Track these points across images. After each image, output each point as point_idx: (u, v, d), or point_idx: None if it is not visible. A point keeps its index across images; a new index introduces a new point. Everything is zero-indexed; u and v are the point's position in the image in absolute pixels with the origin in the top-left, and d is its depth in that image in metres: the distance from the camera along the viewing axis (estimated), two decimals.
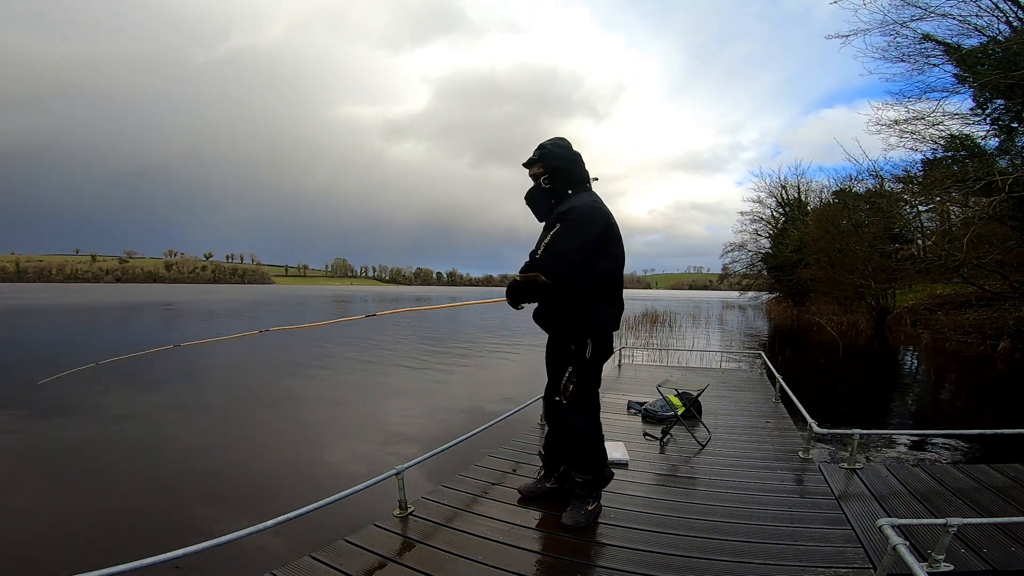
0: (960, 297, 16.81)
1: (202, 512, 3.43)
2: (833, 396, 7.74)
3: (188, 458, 4.51)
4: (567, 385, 2.27)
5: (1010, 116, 12.21)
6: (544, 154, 2.31)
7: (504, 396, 7.01)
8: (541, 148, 2.34)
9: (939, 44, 12.50)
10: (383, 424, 5.78)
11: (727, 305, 45.14)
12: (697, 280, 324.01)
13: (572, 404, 2.28)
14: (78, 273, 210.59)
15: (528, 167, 2.38)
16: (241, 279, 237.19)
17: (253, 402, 6.76)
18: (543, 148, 2.34)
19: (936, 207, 15.36)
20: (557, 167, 2.29)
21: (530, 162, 2.37)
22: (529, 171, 2.38)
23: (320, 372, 8.97)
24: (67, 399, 6.36)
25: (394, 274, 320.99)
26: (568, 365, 2.27)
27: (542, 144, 2.37)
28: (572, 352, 2.25)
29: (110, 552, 2.88)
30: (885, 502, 2.54)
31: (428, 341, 13.91)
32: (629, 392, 5.08)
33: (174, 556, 1.73)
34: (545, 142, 2.36)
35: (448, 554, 2.03)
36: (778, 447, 3.50)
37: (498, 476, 2.86)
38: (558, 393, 2.31)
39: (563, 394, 2.28)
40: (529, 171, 2.38)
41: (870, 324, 18.33)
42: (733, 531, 2.23)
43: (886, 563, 1.64)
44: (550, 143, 2.34)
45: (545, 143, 2.36)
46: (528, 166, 2.38)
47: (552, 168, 2.29)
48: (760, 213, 33.66)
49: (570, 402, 2.28)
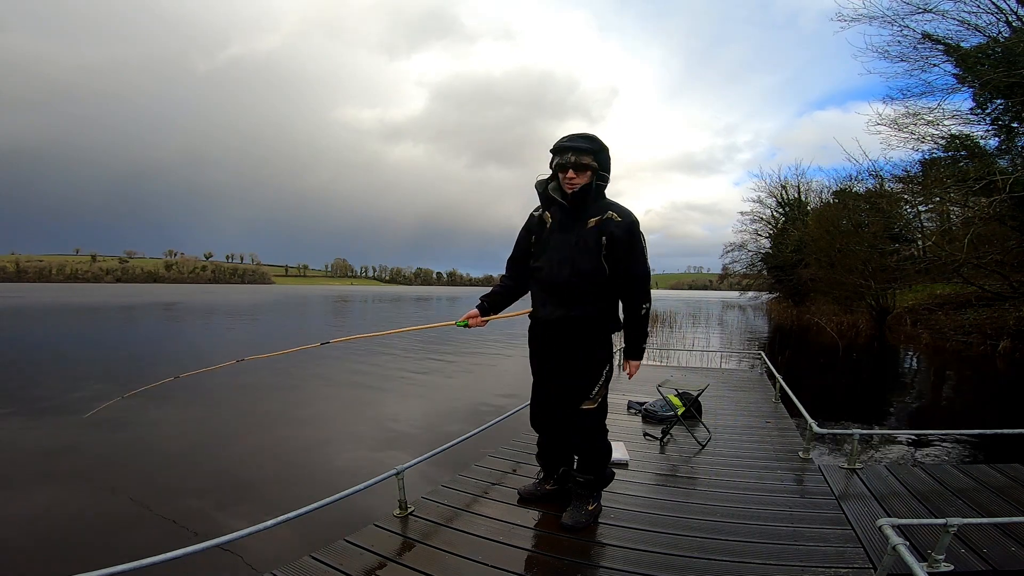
0: (960, 297, 16.80)
1: (202, 512, 3.43)
2: (833, 396, 7.74)
3: (188, 457, 4.51)
4: (603, 387, 2.23)
5: (1010, 116, 12.20)
6: (603, 150, 2.12)
7: (504, 396, 7.01)
8: (596, 142, 2.11)
9: (939, 43, 12.51)
10: (383, 424, 5.78)
11: (727, 305, 45.17)
12: (697, 280, 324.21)
13: (601, 406, 2.26)
14: (78, 273, 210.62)
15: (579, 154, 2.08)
16: (241, 279, 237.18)
17: (252, 402, 6.76)
18: (599, 143, 2.11)
19: (936, 207, 15.37)
20: (607, 168, 2.15)
21: (583, 150, 2.08)
22: (579, 158, 2.07)
23: (320, 372, 8.96)
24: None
25: (394, 274, 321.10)
26: (606, 364, 2.25)
27: (593, 138, 2.12)
28: (609, 351, 2.25)
29: (109, 552, 2.89)
30: (885, 502, 2.54)
31: (428, 341, 13.91)
32: (629, 392, 5.07)
33: (174, 556, 1.73)
34: (595, 136, 2.13)
35: (448, 554, 2.02)
36: (778, 447, 3.50)
37: (498, 476, 2.86)
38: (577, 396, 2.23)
39: (596, 397, 2.22)
40: (579, 158, 2.07)
41: (870, 324, 18.33)
42: (733, 531, 2.23)
43: (886, 563, 1.64)
44: (602, 140, 2.13)
45: (596, 137, 2.13)
46: (580, 153, 2.07)
47: (606, 168, 2.14)
48: (760, 213, 33.69)
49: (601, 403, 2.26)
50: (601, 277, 2.14)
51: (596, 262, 2.12)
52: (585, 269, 2.13)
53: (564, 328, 2.20)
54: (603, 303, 2.19)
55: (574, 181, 2.10)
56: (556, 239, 2.19)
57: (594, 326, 2.20)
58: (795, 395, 4.26)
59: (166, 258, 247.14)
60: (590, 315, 2.17)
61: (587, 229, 2.13)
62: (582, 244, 2.13)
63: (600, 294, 2.17)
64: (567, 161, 2.09)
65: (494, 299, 2.38)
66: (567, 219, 2.18)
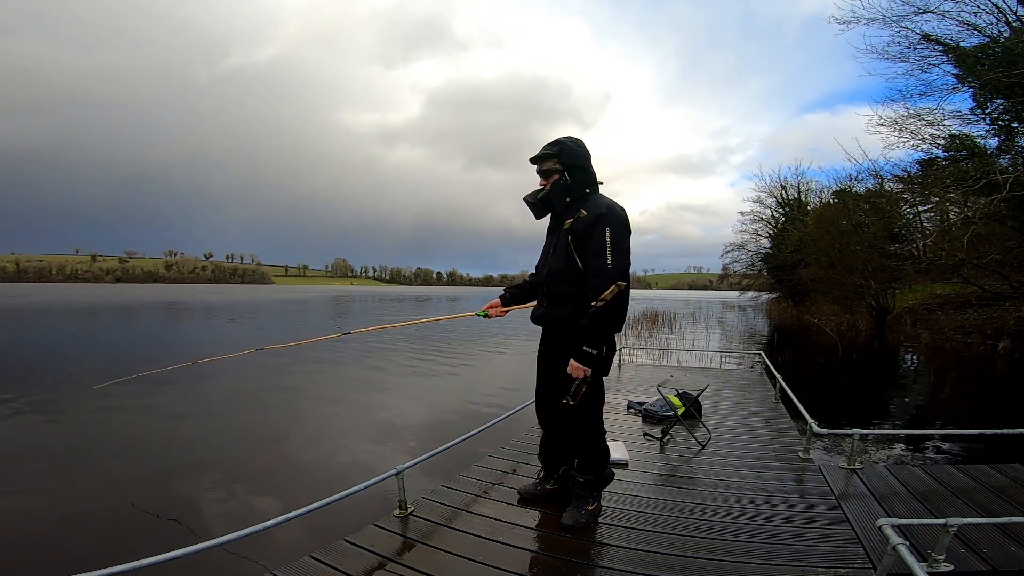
0: (960, 297, 16.80)
1: (202, 512, 3.43)
2: (833, 396, 7.74)
3: (187, 457, 4.51)
4: (580, 386, 2.20)
5: (1010, 116, 12.20)
6: (563, 150, 2.22)
7: (504, 396, 7.01)
8: (559, 144, 2.25)
9: (938, 44, 12.51)
10: (383, 424, 5.78)
11: (727, 305, 45.15)
12: (697, 280, 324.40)
13: (582, 404, 2.22)
14: (78, 273, 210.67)
15: (539, 162, 2.26)
16: (241, 279, 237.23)
17: (252, 402, 6.76)
18: (562, 144, 2.24)
19: (936, 207, 15.37)
20: (575, 164, 2.23)
21: (543, 157, 2.25)
22: (540, 166, 2.27)
23: (319, 372, 8.96)
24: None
25: (394, 274, 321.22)
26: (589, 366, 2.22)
27: (559, 141, 2.26)
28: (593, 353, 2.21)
29: (108, 551, 2.89)
30: (885, 502, 2.54)
31: (428, 341, 13.91)
32: (629, 392, 5.08)
33: (174, 556, 1.73)
34: (562, 139, 2.27)
35: (448, 554, 2.02)
36: (778, 447, 3.50)
37: (498, 476, 2.86)
38: (562, 395, 2.23)
39: (574, 395, 2.20)
40: (540, 166, 2.27)
41: (870, 324, 18.32)
42: (733, 531, 2.23)
43: (886, 563, 1.64)
44: (569, 140, 2.26)
45: (563, 139, 2.26)
46: (539, 161, 2.26)
47: (571, 165, 2.22)
48: (760, 213, 33.72)
49: (580, 402, 2.21)
50: (573, 276, 2.18)
51: (566, 261, 2.20)
52: (556, 269, 2.24)
53: (548, 326, 2.36)
54: (578, 305, 2.19)
55: (545, 188, 2.30)
56: (546, 242, 2.40)
57: (568, 326, 2.23)
58: (795, 395, 4.26)
59: (166, 258, 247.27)
60: (568, 315, 2.22)
61: (563, 230, 2.23)
62: (558, 245, 2.25)
63: (577, 294, 2.18)
64: (537, 172, 2.31)
65: (516, 292, 2.58)
66: (553, 223, 2.38)
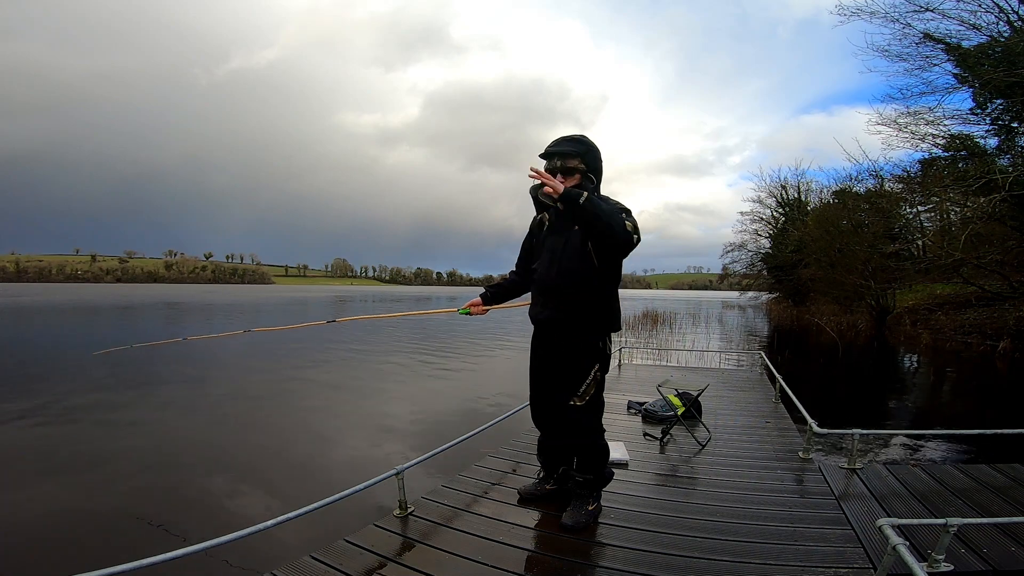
0: (960, 297, 16.79)
1: (201, 512, 3.43)
2: (833, 396, 7.74)
3: (187, 457, 4.51)
4: (591, 384, 2.19)
5: (1010, 116, 12.21)
6: (589, 152, 2.14)
7: (504, 396, 7.01)
8: (584, 144, 2.14)
9: (939, 43, 12.51)
10: (383, 424, 5.78)
11: (727, 305, 45.14)
12: (697, 280, 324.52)
13: (589, 404, 2.22)
14: (78, 273, 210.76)
15: (562, 159, 2.12)
16: (241, 279, 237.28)
17: (252, 402, 6.76)
18: (587, 145, 2.14)
19: (936, 206, 15.38)
20: (597, 168, 2.17)
21: (568, 154, 2.11)
22: (561, 163, 2.11)
23: (319, 372, 8.96)
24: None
25: (394, 274, 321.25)
26: (595, 363, 2.21)
27: (582, 140, 2.16)
28: (599, 350, 2.21)
29: (107, 551, 2.89)
30: (885, 502, 2.54)
31: (427, 340, 13.91)
32: (629, 392, 5.08)
33: (174, 556, 1.73)
34: (581, 137, 2.18)
35: (448, 554, 2.02)
36: (778, 447, 3.50)
37: (498, 476, 2.86)
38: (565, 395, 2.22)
39: (584, 395, 2.18)
40: (561, 163, 2.11)
41: (870, 324, 18.32)
42: (733, 531, 2.23)
43: (886, 563, 1.63)
44: (589, 140, 2.16)
45: (583, 138, 2.17)
46: (563, 157, 2.11)
47: (595, 168, 2.16)
48: (760, 213, 33.74)
49: (588, 403, 2.21)
50: (587, 276, 2.14)
51: (581, 261, 2.14)
52: (570, 269, 2.15)
53: (554, 328, 2.24)
54: (592, 304, 2.17)
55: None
56: (549, 242, 2.26)
57: (582, 327, 2.19)
58: (795, 395, 4.26)
59: (166, 258, 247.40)
60: (578, 316, 2.18)
61: (575, 230, 2.15)
62: (569, 245, 2.16)
63: (588, 295, 2.16)
64: (554, 166, 2.13)
65: (497, 291, 2.53)
66: (559, 222, 2.23)
